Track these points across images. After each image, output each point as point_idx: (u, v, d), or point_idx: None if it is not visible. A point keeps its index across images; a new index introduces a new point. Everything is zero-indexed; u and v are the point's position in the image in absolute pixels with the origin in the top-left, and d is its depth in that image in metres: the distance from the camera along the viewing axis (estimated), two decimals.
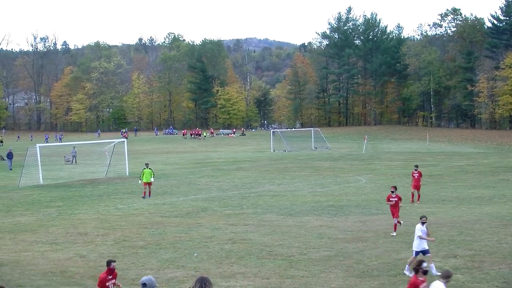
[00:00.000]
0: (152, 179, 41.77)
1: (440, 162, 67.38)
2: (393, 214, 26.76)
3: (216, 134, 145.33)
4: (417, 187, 37.27)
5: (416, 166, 38.73)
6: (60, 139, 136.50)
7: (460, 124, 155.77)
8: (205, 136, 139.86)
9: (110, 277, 15.36)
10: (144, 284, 10.99)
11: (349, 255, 22.44)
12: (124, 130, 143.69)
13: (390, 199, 26.88)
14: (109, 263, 15.62)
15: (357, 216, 31.51)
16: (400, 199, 26.99)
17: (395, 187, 27.46)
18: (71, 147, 78.91)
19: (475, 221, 29.13)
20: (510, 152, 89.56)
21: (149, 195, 40.98)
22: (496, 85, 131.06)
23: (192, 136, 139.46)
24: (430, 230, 26.70)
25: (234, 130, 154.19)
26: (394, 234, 25.91)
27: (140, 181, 42.16)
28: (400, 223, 26.45)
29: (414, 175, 37.58)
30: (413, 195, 37.08)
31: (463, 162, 67.56)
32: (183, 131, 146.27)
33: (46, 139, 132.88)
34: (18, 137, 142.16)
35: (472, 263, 20.82)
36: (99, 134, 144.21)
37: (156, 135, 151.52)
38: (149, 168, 41.91)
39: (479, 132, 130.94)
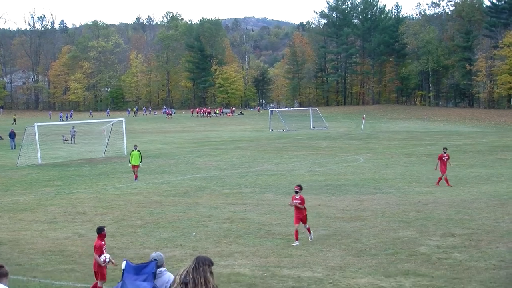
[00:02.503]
0: (140, 164, 40.03)
1: (438, 142, 67.33)
2: (296, 220, 21.56)
3: (215, 113, 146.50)
4: (445, 170, 34.96)
5: (445, 149, 36.32)
6: (70, 116, 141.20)
7: (458, 104, 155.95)
8: (217, 113, 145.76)
9: (103, 243, 15.67)
10: (154, 260, 10.99)
11: (347, 234, 22.47)
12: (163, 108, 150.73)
13: (294, 201, 21.73)
14: (102, 229, 15.88)
15: (355, 195, 31.55)
16: (303, 200, 21.68)
17: (300, 187, 22.00)
18: (70, 126, 78.96)
19: (472, 200, 29.18)
20: (508, 131, 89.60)
21: (136, 178, 39.43)
22: (494, 64, 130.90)
23: (202, 114, 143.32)
24: (428, 210, 26.82)
25: (233, 108, 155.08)
26: (297, 243, 21.16)
27: (130, 164, 40.38)
28: (310, 232, 21.82)
29: (443, 158, 35.25)
30: (440, 178, 35.09)
31: (461, 141, 67.58)
32: (191, 110, 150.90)
33: (61, 117, 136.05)
34: (60, 116, 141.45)
35: (469, 242, 20.87)
36: (108, 113, 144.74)
37: (147, 114, 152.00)
38: (138, 150, 40.32)
39: (477, 111, 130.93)
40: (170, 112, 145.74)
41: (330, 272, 17.78)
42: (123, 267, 10.78)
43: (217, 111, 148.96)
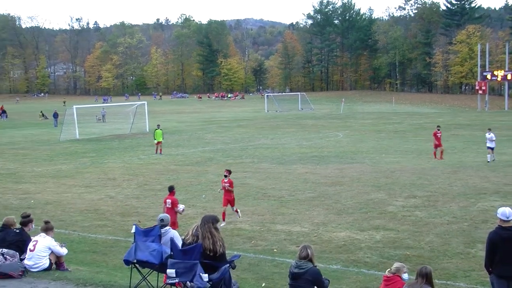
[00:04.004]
0: (163, 140, 39.45)
1: (404, 120, 67.34)
2: (224, 202, 19.23)
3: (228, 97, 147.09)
4: (439, 145, 33.50)
5: (439, 127, 34.75)
6: (110, 99, 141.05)
7: (420, 89, 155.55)
8: (229, 96, 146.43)
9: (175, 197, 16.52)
10: (161, 220, 11.00)
11: (329, 196, 22.48)
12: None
13: (223, 184, 19.31)
14: (173, 187, 16.83)
15: (336, 164, 31.54)
16: (231, 184, 19.29)
17: (229, 171, 19.64)
18: (101, 108, 78.80)
19: (431, 168, 29.21)
20: (460, 112, 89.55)
21: (160, 152, 38.49)
22: (449, 57, 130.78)
23: (219, 97, 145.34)
24: (395, 176, 26.83)
25: (237, 93, 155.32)
26: (224, 224, 18.35)
27: (155, 140, 39.30)
28: (238, 212, 19.43)
29: (437, 134, 33.57)
30: (435, 153, 33.67)
31: (422, 120, 67.52)
32: (215, 94, 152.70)
33: (104, 100, 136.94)
34: (103, 99, 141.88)
35: (428, 202, 20.90)
36: (139, 97, 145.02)
37: (155, 98, 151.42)
38: (160, 129, 39.40)
39: (435, 96, 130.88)
40: (201, 96, 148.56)
41: (315, 227, 17.81)
42: (133, 230, 10.77)
43: (229, 95, 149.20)
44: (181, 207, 16.11)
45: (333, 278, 11.94)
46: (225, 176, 19.29)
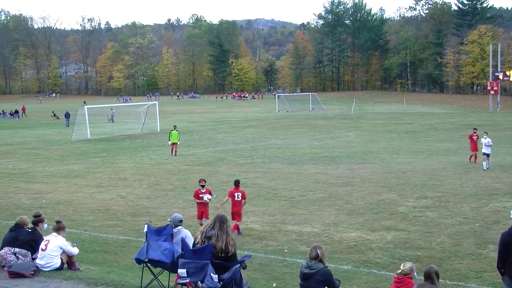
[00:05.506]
0: (178, 141, 38.35)
1: (415, 121, 67.11)
2: (199, 214, 17.87)
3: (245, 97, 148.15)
4: (476, 149, 31.35)
5: (475, 129, 32.61)
6: (129, 99, 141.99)
7: (431, 90, 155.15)
8: (246, 96, 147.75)
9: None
10: (180, 220, 11.07)
11: (340, 197, 22.44)
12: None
13: (200, 195, 17.58)
14: (239, 181, 18.22)
15: (347, 165, 31.47)
16: (210, 193, 17.75)
17: (205, 180, 18.17)
18: (113, 108, 79.05)
19: (442, 169, 29.09)
20: (471, 112, 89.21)
21: (175, 153, 37.69)
22: (460, 57, 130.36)
23: (236, 97, 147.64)
24: (406, 177, 26.74)
25: (247, 93, 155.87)
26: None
27: (169, 141, 38.59)
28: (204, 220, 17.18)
29: (473, 137, 31.68)
30: (472, 157, 31.80)
31: (433, 121, 67.28)
32: (232, 94, 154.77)
33: (124, 99, 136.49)
34: (124, 99, 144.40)
35: (439, 203, 20.83)
36: (156, 97, 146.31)
37: (172, 98, 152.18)
38: (176, 130, 38.71)
39: (447, 96, 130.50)
40: (222, 96, 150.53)
41: (326, 227, 17.79)
42: (145, 230, 10.80)
43: (247, 95, 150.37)
44: (209, 196, 17.57)
45: (344, 278, 11.92)
46: (202, 186, 17.79)
